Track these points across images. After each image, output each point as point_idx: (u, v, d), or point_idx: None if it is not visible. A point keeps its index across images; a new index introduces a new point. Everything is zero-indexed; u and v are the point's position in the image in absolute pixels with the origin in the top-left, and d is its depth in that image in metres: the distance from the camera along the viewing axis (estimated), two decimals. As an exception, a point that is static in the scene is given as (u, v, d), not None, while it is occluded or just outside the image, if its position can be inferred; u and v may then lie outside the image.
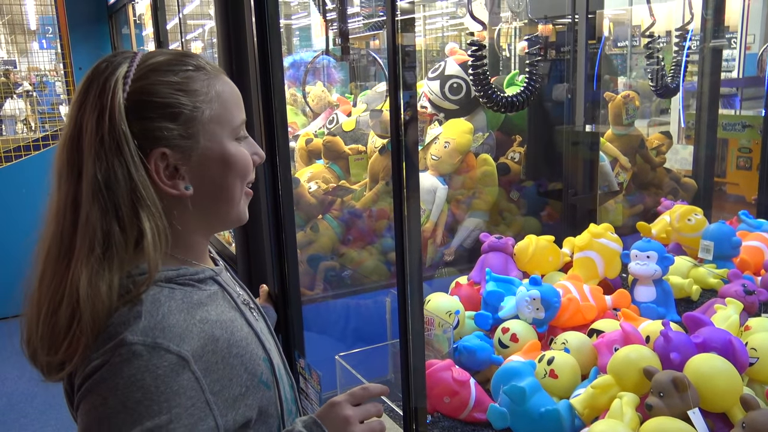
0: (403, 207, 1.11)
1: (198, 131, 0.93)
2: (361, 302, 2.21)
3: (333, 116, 3.23)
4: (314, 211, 2.37)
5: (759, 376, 1.44)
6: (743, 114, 6.41)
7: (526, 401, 1.45)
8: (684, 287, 1.95)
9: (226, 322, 0.94)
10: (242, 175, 0.99)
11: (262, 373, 0.97)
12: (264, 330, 1.08)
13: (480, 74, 2.00)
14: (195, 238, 1.00)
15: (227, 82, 1.00)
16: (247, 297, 1.11)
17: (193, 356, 0.86)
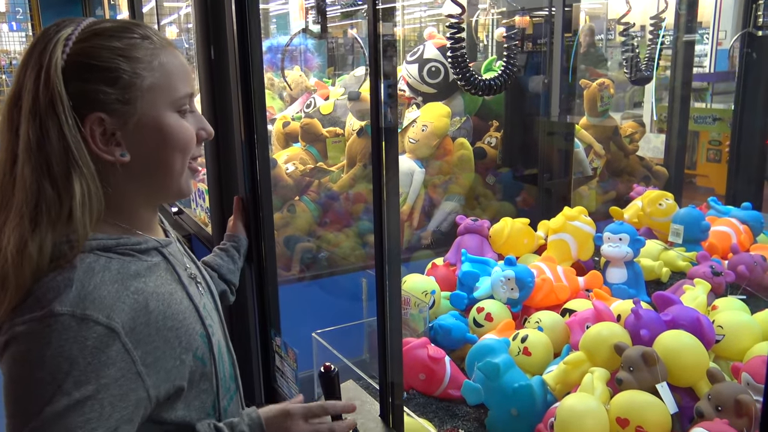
0: (383, 190, 1.12)
1: (136, 98, 0.92)
2: (338, 283, 2.22)
3: (310, 100, 3.23)
4: (291, 192, 2.37)
5: (725, 353, 1.49)
6: (714, 107, 6.54)
7: (500, 377, 1.47)
8: (654, 269, 1.99)
9: (164, 295, 0.94)
10: (181, 148, 0.98)
11: (197, 348, 0.97)
12: (208, 305, 1.07)
13: (458, 56, 2.01)
14: (138, 207, 0.99)
15: (176, 54, 0.99)
16: (196, 271, 1.10)
17: (123, 328, 0.85)
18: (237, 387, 1.11)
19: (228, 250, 1.58)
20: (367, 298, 2.02)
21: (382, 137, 1.11)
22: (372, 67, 1.09)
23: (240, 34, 1.62)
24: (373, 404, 1.31)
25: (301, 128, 2.64)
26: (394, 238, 1.16)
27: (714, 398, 1.23)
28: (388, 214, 1.14)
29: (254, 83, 1.66)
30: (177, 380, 0.93)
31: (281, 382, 1.76)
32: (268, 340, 1.78)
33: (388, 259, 1.16)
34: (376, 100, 1.10)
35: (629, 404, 1.27)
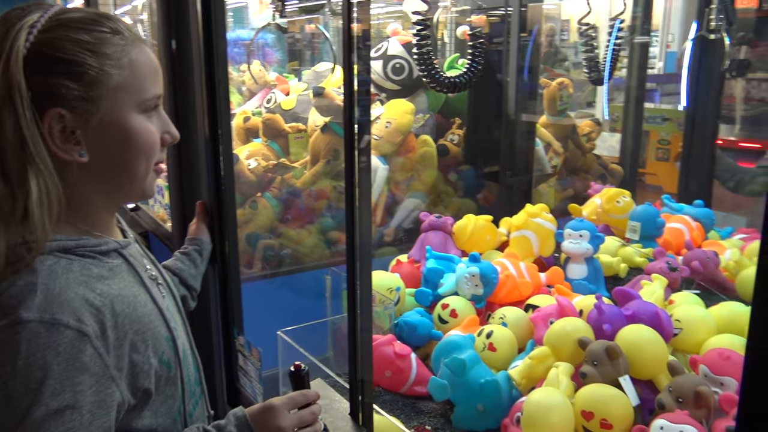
0: (355, 187, 1.11)
1: (101, 96, 0.88)
2: (301, 281, 2.20)
3: (270, 95, 3.18)
4: (253, 188, 2.33)
5: (682, 346, 1.53)
6: (663, 108, 6.74)
7: (466, 373, 1.48)
8: (613, 265, 2.04)
9: (128, 298, 0.91)
10: (145, 152, 0.94)
11: (163, 352, 0.95)
12: (171, 308, 1.05)
13: (424, 53, 2.01)
14: (97, 208, 0.95)
15: (146, 52, 0.95)
16: (157, 272, 1.07)
17: (93, 332, 0.82)
18: (202, 390, 1.09)
19: (190, 254, 1.54)
20: (331, 295, 2.01)
21: (355, 133, 1.10)
22: (345, 63, 1.08)
23: (205, 24, 1.59)
24: (342, 402, 1.30)
25: (263, 123, 2.60)
26: (365, 235, 1.15)
27: (675, 390, 1.26)
28: (360, 211, 1.14)
29: (219, 76, 1.63)
30: (145, 385, 0.90)
31: (244, 382, 1.73)
32: (231, 339, 1.75)
33: (359, 256, 1.15)
34: (349, 96, 1.09)
35: (594, 398, 1.30)
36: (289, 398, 1.06)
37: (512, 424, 1.39)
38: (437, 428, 1.50)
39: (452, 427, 1.51)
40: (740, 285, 1.90)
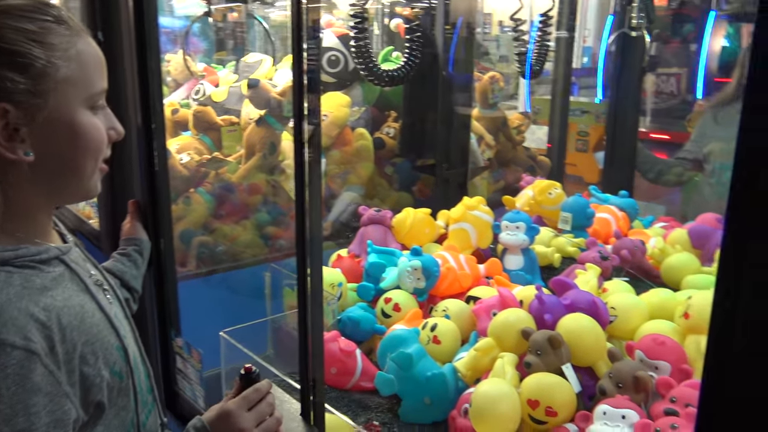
0: (305, 180, 1.09)
1: (48, 90, 0.82)
2: (240, 278, 2.15)
3: (199, 86, 3.08)
4: (186, 184, 2.25)
5: (617, 332, 1.59)
6: (582, 101, 7.00)
7: (413, 367, 1.49)
8: (547, 255, 2.10)
9: (75, 308, 0.85)
10: (94, 150, 0.89)
11: (115, 362, 0.90)
12: (119, 314, 1.00)
13: (362, 46, 2.00)
14: (36, 211, 0.89)
15: (91, 43, 0.90)
16: (101, 277, 1.01)
17: (42, 349, 0.77)
18: (154, 399, 1.04)
19: (130, 255, 1.47)
20: (271, 293, 1.97)
21: (304, 125, 1.07)
22: (295, 53, 1.05)
23: (137, 10, 1.51)
24: (291, 403, 1.28)
25: (194, 116, 2.51)
26: (316, 229, 1.13)
27: (615, 376, 1.31)
28: (310, 205, 1.11)
29: (152, 64, 1.55)
30: (98, 399, 0.85)
31: (183, 385, 1.68)
32: (168, 341, 1.69)
33: (310, 252, 1.12)
34: (299, 86, 1.06)
35: (539, 386, 1.33)
36: (243, 398, 1.03)
37: (460, 416, 1.41)
38: (385, 423, 1.50)
39: (399, 421, 1.51)
40: (665, 272, 1.99)
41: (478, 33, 6.35)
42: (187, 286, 1.92)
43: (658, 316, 1.63)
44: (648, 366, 1.37)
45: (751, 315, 0.55)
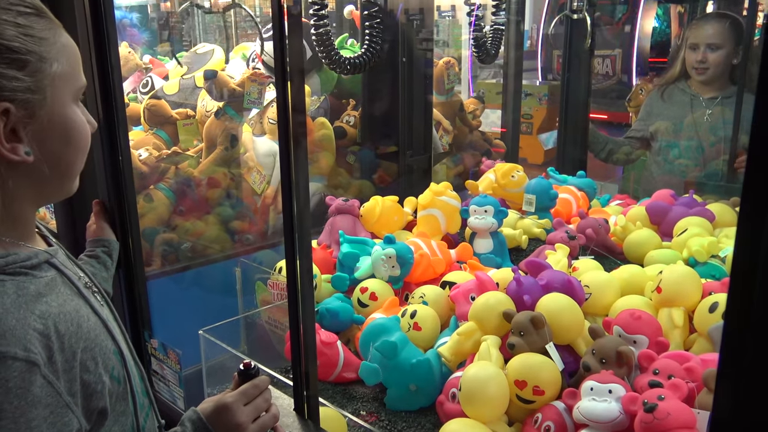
0: (292, 172, 1.06)
1: (45, 86, 0.79)
2: (209, 274, 2.10)
3: (146, 79, 2.98)
4: (147, 180, 2.17)
5: (592, 309, 1.64)
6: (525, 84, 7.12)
7: (397, 355, 1.49)
8: (515, 237, 2.13)
9: (71, 314, 0.82)
10: (84, 146, 0.87)
11: (113, 367, 0.88)
12: (110, 317, 0.97)
13: (323, 34, 1.97)
14: (22, 213, 0.85)
15: (69, 37, 0.86)
16: (89, 279, 0.98)
17: (42, 359, 0.74)
18: (150, 401, 1.01)
19: (99, 257, 1.41)
20: (241, 288, 1.93)
21: (290, 116, 1.05)
22: (276, 42, 1.02)
23: (93, 3, 1.44)
24: (283, 398, 1.26)
25: (147, 110, 2.42)
26: (305, 222, 1.11)
27: (598, 352, 1.35)
28: (298, 197, 1.09)
29: (111, 58, 1.49)
30: (100, 406, 0.82)
31: (160, 387, 1.63)
32: (142, 343, 1.64)
33: (299, 246, 1.10)
34: (282, 77, 1.04)
35: (525, 367, 1.35)
36: (241, 393, 1.02)
37: (448, 401, 1.42)
38: (371, 412, 1.50)
39: (386, 409, 1.51)
40: (628, 248, 2.05)
41: (417, 19, 6.39)
42: (155, 285, 1.87)
43: (628, 291, 1.68)
44: (627, 340, 1.41)
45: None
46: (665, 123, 2.83)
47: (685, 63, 2.69)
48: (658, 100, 2.84)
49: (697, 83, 2.69)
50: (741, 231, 0.58)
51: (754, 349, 0.59)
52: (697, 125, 2.71)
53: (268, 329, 1.83)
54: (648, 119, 2.88)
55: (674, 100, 2.77)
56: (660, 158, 2.85)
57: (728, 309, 0.61)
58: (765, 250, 0.57)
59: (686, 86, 2.73)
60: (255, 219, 2.30)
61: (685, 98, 2.72)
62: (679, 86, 2.76)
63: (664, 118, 2.82)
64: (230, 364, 1.56)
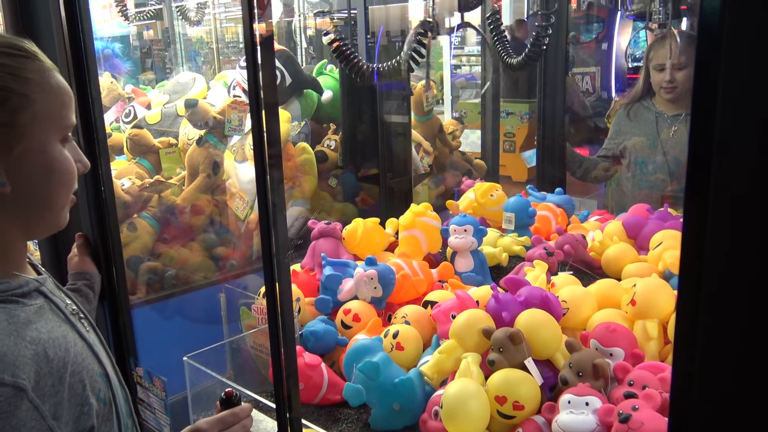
0: (268, 196, 1.10)
1: (26, 123, 0.84)
2: (193, 301, 2.11)
3: (129, 109, 3.01)
4: (130, 210, 2.19)
5: (570, 324, 1.67)
6: (506, 102, 7.23)
7: (380, 375, 1.52)
8: (495, 255, 2.17)
9: (59, 339, 0.86)
10: (67, 183, 0.91)
11: (99, 390, 0.91)
12: (96, 342, 1.00)
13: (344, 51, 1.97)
14: (11, 243, 0.89)
15: (61, 78, 0.91)
16: (76, 307, 1.02)
17: (30, 384, 0.77)
18: (134, 422, 1.04)
19: (80, 290, 1.44)
20: (226, 314, 1.95)
21: (264, 137, 1.08)
22: (250, 68, 1.06)
23: (72, 35, 1.47)
24: (267, 422, 1.28)
25: (130, 140, 2.45)
26: (282, 242, 1.14)
27: (574, 366, 1.38)
28: (275, 223, 1.12)
29: (92, 91, 1.52)
30: (89, 426, 0.85)
31: (146, 415, 1.64)
32: (128, 371, 1.65)
33: (278, 267, 1.13)
34: (255, 104, 1.07)
35: (505, 383, 1.38)
36: (218, 419, 1.04)
37: (431, 419, 1.44)
38: (357, 433, 1.52)
39: (370, 429, 1.53)
40: (606, 263, 2.09)
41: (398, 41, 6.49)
42: (140, 314, 1.88)
43: (605, 305, 1.72)
44: (603, 353, 1.45)
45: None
46: (633, 140, 2.89)
47: (651, 82, 2.76)
48: (625, 118, 2.91)
49: (661, 101, 2.76)
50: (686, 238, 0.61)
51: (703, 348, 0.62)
52: (663, 142, 2.77)
53: (252, 354, 1.85)
54: (617, 137, 2.94)
55: (640, 118, 2.84)
56: (630, 174, 2.92)
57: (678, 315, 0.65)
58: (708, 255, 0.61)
59: (651, 104, 2.80)
60: (239, 245, 2.32)
61: (651, 116, 2.79)
62: (644, 104, 2.83)
63: (631, 135, 2.88)
64: (216, 390, 1.58)
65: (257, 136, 1.09)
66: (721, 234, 0.58)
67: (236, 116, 2.24)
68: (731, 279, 0.58)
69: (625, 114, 2.91)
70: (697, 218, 0.59)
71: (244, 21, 1.06)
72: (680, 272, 0.63)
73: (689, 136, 0.59)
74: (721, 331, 0.59)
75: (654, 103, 2.80)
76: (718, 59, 0.54)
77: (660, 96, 2.75)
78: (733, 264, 0.58)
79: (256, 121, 1.08)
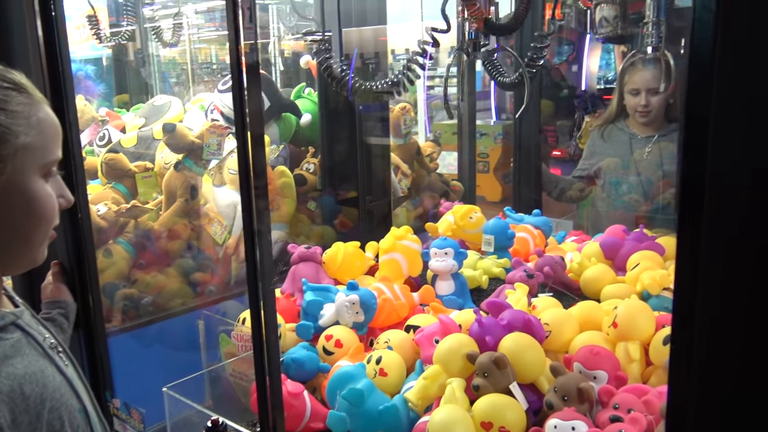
0: (254, 222, 1.08)
1: (7, 156, 0.81)
2: (171, 328, 2.08)
3: (103, 132, 2.97)
4: (106, 235, 2.15)
5: (553, 346, 1.67)
6: (479, 123, 7.30)
7: (364, 402, 1.50)
8: (476, 278, 2.17)
9: (36, 374, 0.84)
10: (47, 219, 0.88)
11: (78, 426, 0.89)
12: (74, 376, 0.98)
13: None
14: None
15: (49, 112, 0.90)
16: (54, 340, 0.99)
17: (5, 422, 0.76)
18: None
19: (55, 319, 1.40)
20: (205, 342, 1.92)
21: (250, 157, 1.08)
22: (236, 90, 1.06)
23: (50, 59, 1.45)
24: (251, 453, 1.25)
25: (105, 164, 2.42)
26: (268, 266, 1.13)
27: (560, 390, 1.38)
28: (261, 250, 1.11)
29: (70, 116, 1.50)
30: None
31: (124, 448, 1.60)
32: (103, 403, 1.60)
33: (263, 294, 1.12)
34: (242, 128, 1.07)
35: (491, 408, 1.38)
36: None
37: (416, 446, 1.43)
38: (340, 462, 1.50)
39: (355, 458, 1.51)
40: (584, 284, 2.11)
41: (372, 63, 6.54)
42: (116, 343, 1.84)
43: (586, 327, 1.73)
44: (587, 376, 1.45)
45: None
46: (607, 161, 2.95)
47: (625, 105, 2.82)
48: (599, 139, 2.96)
49: (635, 123, 2.82)
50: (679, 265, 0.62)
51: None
52: (637, 162, 2.83)
53: (233, 382, 1.82)
54: (591, 158, 3.00)
55: (614, 140, 2.90)
56: (605, 194, 2.97)
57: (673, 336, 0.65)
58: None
59: (625, 125, 2.86)
60: (217, 270, 2.29)
61: (624, 137, 2.85)
62: (617, 126, 2.89)
63: (606, 156, 2.94)
64: (195, 419, 1.54)
65: (243, 164, 1.08)
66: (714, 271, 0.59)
67: (215, 140, 2.22)
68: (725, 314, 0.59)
69: (600, 135, 2.97)
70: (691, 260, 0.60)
71: (230, 48, 1.06)
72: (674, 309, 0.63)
73: (678, 173, 0.60)
74: (715, 366, 0.60)
75: (627, 124, 2.86)
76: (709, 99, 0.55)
77: (634, 118, 2.81)
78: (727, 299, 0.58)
79: (242, 150, 1.07)
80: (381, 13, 2.43)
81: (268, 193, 2.46)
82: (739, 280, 0.57)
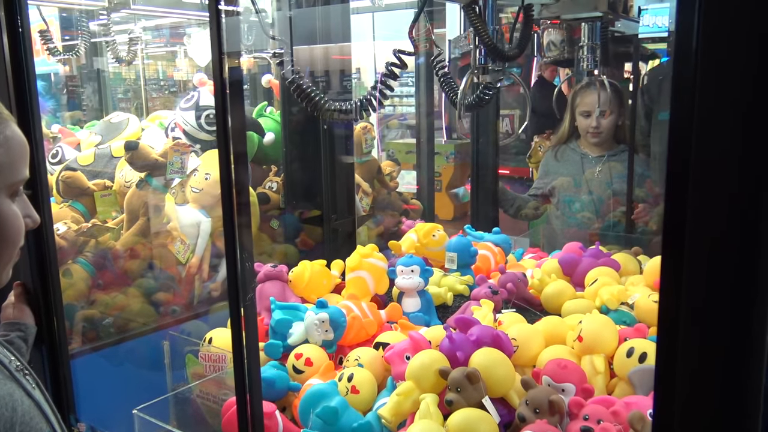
0: (236, 238, 1.09)
1: None
2: (135, 349, 2.03)
3: (57, 150, 2.90)
4: (65, 255, 2.09)
5: (521, 361, 1.71)
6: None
7: (339, 420, 1.50)
8: (441, 295, 2.21)
9: (5, 398, 0.82)
10: (13, 240, 0.87)
11: None
12: (42, 399, 0.96)
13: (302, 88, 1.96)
14: None
15: (17, 130, 0.88)
16: (20, 363, 0.97)
17: None
18: None
19: (13, 342, 1.35)
20: (170, 363, 1.88)
21: (233, 185, 1.08)
22: (219, 108, 1.06)
23: (16, 76, 1.43)
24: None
25: (63, 182, 2.35)
26: (249, 282, 1.13)
27: (531, 403, 1.42)
28: (241, 267, 1.11)
29: (35, 133, 1.47)
30: None
31: (89, 473, 1.55)
32: (69, 428, 1.55)
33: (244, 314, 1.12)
34: (225, 147, 1.07)
35: (465, 422, 1.40)
36: None
37: (391, 463, 1.44)
38: (314, 481, 1.49)
39: (329, 477, 1.50)
40: (545, 300, 2.17)
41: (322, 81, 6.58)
42: (79, 365, 1.79)
43: (551, 341, 1.78)
44: (556, 389, 1.49)
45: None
46: (561, 180, 3.06)
47: (577, 126, 2.95)
48: (553, 159, 3.08)
49: (586, 143, 2.94)
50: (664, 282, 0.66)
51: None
52: (589, 181, 2.95)
53: (200, 403, 1.79)
54: (546, 177, 3.11)
55: (567, 159, 3.02)
56: (560, 213, 3.07)
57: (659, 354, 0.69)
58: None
59: (576, 146, 2.98)
60: (180, 290, 2.25)
61: (576, 157, 2.97)
62: (570, 146, 3.02)
63: (559, 175, 3.05)
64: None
65: (225, 181, 1.09)
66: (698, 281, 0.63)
67: (178, 158, 2.20)
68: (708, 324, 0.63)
69: (553, 155, 3.08)
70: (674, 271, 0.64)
71: (214, 66, 1.07)
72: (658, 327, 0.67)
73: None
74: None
75: (579, 145, 2.98)
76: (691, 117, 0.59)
77: (585, 139, 2.93)
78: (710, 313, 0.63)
79: (225, 166, 1.08)
80: (345, 31, 2.47)
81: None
82: (722, 279, 0.61)
